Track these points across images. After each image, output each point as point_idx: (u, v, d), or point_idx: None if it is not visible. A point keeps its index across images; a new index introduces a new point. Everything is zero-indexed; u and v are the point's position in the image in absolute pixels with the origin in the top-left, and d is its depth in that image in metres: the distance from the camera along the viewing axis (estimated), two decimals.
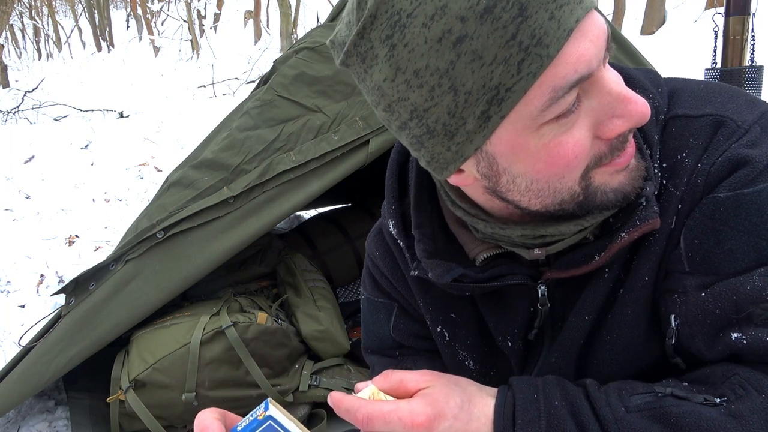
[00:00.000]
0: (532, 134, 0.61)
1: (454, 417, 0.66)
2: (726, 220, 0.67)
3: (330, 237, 3.02)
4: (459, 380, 0.72)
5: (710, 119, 0.71)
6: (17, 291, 3.35)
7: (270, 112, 1.92)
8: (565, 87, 0.58)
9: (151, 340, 1.96)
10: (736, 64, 2.15)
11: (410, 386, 0.69)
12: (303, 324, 2.19)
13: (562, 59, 0.57)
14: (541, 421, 0.66)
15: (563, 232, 0.71)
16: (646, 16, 8.80)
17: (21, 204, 4.63)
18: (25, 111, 8.60)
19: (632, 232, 0.69)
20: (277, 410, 0.66)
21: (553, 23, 0.56)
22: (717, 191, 0.68)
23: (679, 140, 0.72)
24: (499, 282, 0.76)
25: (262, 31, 14.85)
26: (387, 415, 0.65)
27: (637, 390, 0.67)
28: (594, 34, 0.59)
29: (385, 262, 0.92)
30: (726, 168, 0.68)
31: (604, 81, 0.61)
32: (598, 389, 0.69)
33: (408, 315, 0.94)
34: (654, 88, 0.76)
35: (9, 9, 14.58)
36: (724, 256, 0.67)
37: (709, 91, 0.75)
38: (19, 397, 1.85)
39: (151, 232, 1.85)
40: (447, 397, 0.67)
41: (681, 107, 0.74)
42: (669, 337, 0.72)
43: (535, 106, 0.59)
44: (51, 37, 25.18)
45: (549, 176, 0.65)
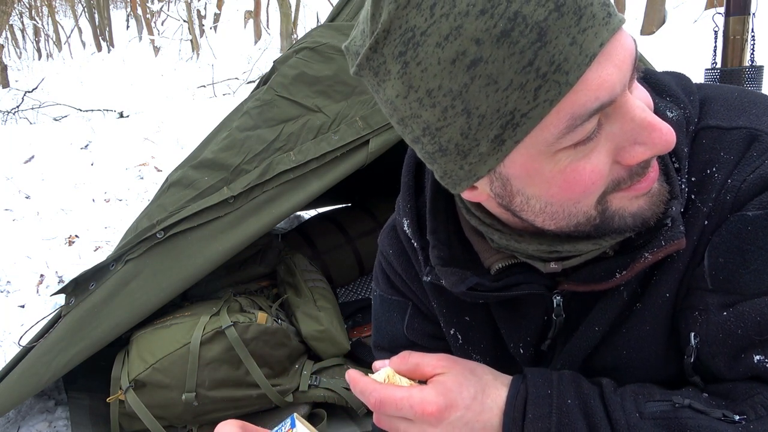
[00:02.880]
0: (548, 159, 0.59)
1: (466, 407, 0.66)
2: (754, 240, 0.65)
3: (330, 237, 3.02)
4: (475, 368, 0.71)
5: (744, 132, 0.68)
6: (17, 291, 3.35)
7: (270, 112, 1.92)
8: (585, 115, 0.56)
9: (151, 340, 1.96)
10: (736, 64, 2.15)
11: (426, 370, 0.69)
12: (303, 324, 2.19)
13: (583, 86, 0.55)
14: (552, 417, 0.65)
15: (580, 249, 0.69)
16: (646, 16, 8.80)
17: (21, 204, 4.63)
18: (25, 111, 8.60)
19: (656, 253, 0.66)
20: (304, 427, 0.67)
21: (575, 48, 0.53)
22: (746, 209, 0.66)
23: (710, 153, 0.69)
24: (514, 291, 0.74)
25: (262, 31, 14.85)
26: (399, 402, 0.65)
27: (654, 396, 0.66)
28: (620, 58, 0.56)
29: (399, 260, 0.90)
30: (757, 185, 0.65)
31: (627, 106, 0.58)
32: (614, 391, 0.67)
33: (422, 314, 0.92)
34: (686, 96, 0.72)
35: (9, 9, 14.58)
36: (750, 276, 0.65)
37: (743, 101, 0.72)
38: (19, 397, 1.85)
39: (151, 232, 1.85)
40: (460, 387, 0.67)
41: (713, 117, 0.71)
42: (688, 356, 0.70)
43: (552, 133, 0.57)
44: (51, 37, 25.18)
45: (564, 201, 0.62)
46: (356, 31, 0.63)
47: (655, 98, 0.69)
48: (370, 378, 0.70)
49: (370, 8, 0.59)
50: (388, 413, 0.67)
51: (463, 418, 0.66)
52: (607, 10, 0.55)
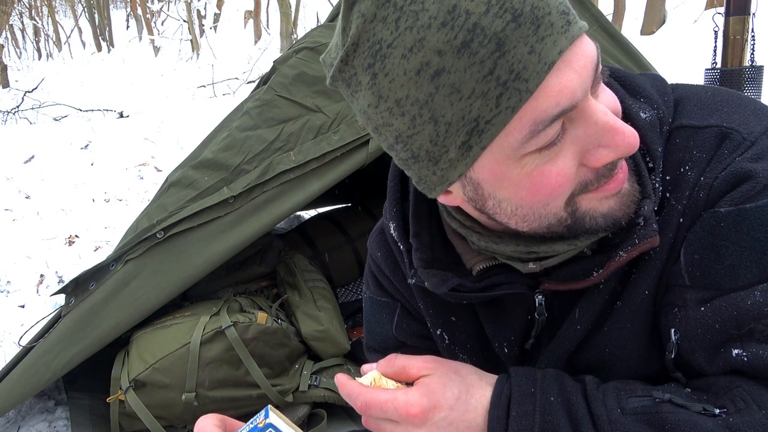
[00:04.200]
0: (515, 164, 0.61)
1: (450, 408, 0.67)
2: (727, 236, 0.66)
3: (330, 237, 3.02)
4: (460, 368, 0.72)
5: (715, 131, 0.70)
6: (17, 291, 3.35)
7: (270, 112, 1.92)
8: (546, 120, 0.58)
9: (151, 340, 1.96)
10: (736, 64, 2.14)
11: (412, 372, 0.71)
12: (303, 324, 2.19)
13: (543, 93, 0.57)
14: (535, 416, 0.66)
15: (556, 250, 0.71)
16: (646, 16, 8.80)
17: (21, 204, 4.63)
18: (25, 111, 8.59)
19: (631, 251, 0.68)
20: (277, 417, 0.67)
21: (533, 57, 0.55)
22: (718, 206, 0.67)
23: (684, 152, 0.71)
24: (496, 291, 0.76)
25: (262, 31, 14.85)
26: (384, 404, 0.67)
27: (636, 392, 0.67)
28: (580, 64, 0.58)
29: (387, 263, 0.92)
30: (728, 182, 0.67)
31: (590, 111, 0.60)
32: (597, 388, 0.69)
33: (411, 315, 0.94)
34: (660, 96, 0.74)
35: (9, 9, 14.58)
36: (725, 271, 0.66)
37: (716, 100, 0.73)
38: (19, 397, 1.85)
39: (151, 232, 1.85)
40: (444, 388, 0.68)
41: (686, 117, 0.73)
42: (669, 351, 0.72)
43: (516, 139, 0.59)
44: (51, 37, 25.18)
45: (533, 203, 0.64)
46: (331, 43, 0.65)
47: (629, 100, 0.72)
48: (356, 381, 0.71)
49: (341, 22, 0.61)
50: (374, 416, 0.69)
51: (447, 419, 0.67)
52: (567, 18, 0.57)
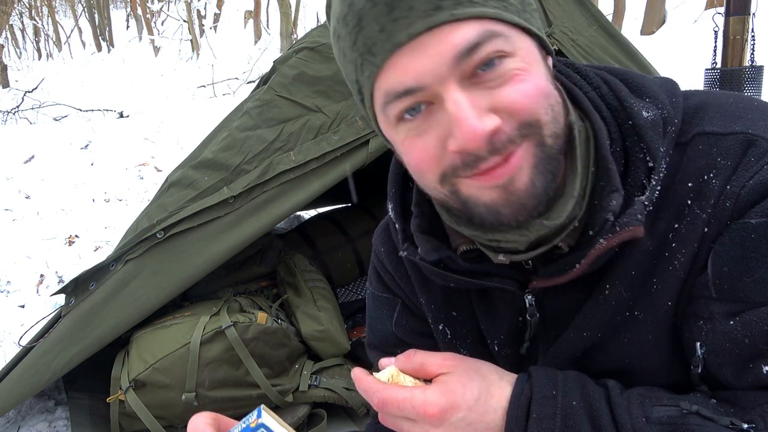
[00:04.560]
0: (393, 129, 0.68)
1: (468, 408, 0.66)
2: (757, 248, 0.64)
3: (330, 237, 3.02)
4: (480, 367, 0.71)
5: (740, 137, 0.68)
6: (17, 291, 3.35)
7: (270, 112, 1.92)
8: (394, 95, 0.63)
9: (151, 340, 1.96)
10: (736, 64, 2.15)
11: (431, 369, 0.70)
12: (303, 324, 2.18)
13: (390, 69, 0.62)
14: (556, 419, 0.65)
15: (509, 239, 0.70)
16: (646, 16, 8.80)
17: (21, 204, 4.63)
18: (25, 111, 8.59)
19: (611, 239, 0.67)
20: (270, 417, 0.67)
21: (382, 35, 0.61)
22: (748, 216, 0.65)
23: (707, 159, 0.69)
24: (485, 281, 0.76)
25: (262, 31, 14.85)
26: (401, 403, 0.66)
27: (662, 401, 0.65)
28: (435, 51, 0.60)
29: (390, 258, 0.92)
30: (757, 192, 0.65)
31: (445, 99, 0.62)
32: (621, 394, 0.67)
33: (411, 312, 0.94)
34: (668, 98, 0.73)
35: (9, 9, 14.57)
36: (755, 285, 0.64)
37: (739, 107, 0.72)
38: (19, 397, 1.85)
39: (151, 232, 1.85)
40: (464, 388, 0.67)
41: (709, 123, 0.71)
42: (694, 366, 0.70)
43: (379, 104, 0.66)
44: (51, 37, 25.18)
45: (414, 171, 0.70)
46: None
47: (631, 99, 0.72)
48: (373, 377, 0.70)
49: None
50: (391, 413, 0.68)
51: (465, 419, 0.66)
52: (436, 4, 0.59)
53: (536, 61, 0.66)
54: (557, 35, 1.89)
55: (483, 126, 0.60)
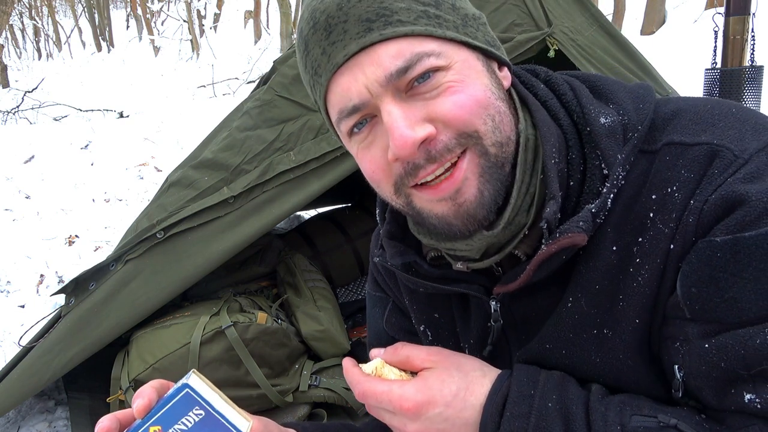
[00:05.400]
0: (348, 142, 0.72)
1: (446, 404, 0.67)
2: (725, 267, 0.61)
3: (330, 237, 3.02)
4: (463, 363, 0.71)
5: (705, 149, 0.66)
6: (17, 291, 3.35)
7: (270, 112, 1.92)
8: (341, 112, 0.68)
9: (151, 340, 1.96)
10: (736, 64, 2.14)
11: (416, 363, 0.71)
12: (303, 324, 2.18)
13: (336, 88, 0.68)
14: (530, 418, 0.65)
15: (458, 248, 0.73)
16: (646, 16, 8.80)
17: (21, 204, 4.63)
18: (25, 111, 8.59)
19: (551, 245, 0.67)
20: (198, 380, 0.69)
21: (324, 58, 0.67)
22: (713, 234, 0.63)
23: (672, 170, 0.67)
24: (452, 286, 0.77)
25: (262, 31, 14.85)
26: (379, 396, 0.69)
27: (642, 410, 0.64)
28: (369, 69, 0.65)
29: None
30: (720, 207, 0.62)
31: (382, 112, 0.66)
32: (601, 399, 0.66)
33: (400, 311, 0.97)
34: (633, 104, 0.72)
35: (9, 9, 14.57)
36: (727, 305, 0.61)
37: (714, 114, 0.69)
38: (19, 397, 1.85)
39: (151, 232, 1.85)
40: (442, 384, 0.68)
41: (678, 132, 0.69)
42: (675, 390, 0.68)
43: (334, 120, 0.71)
44: (51, 37, 25.17)
45: (370, 182, 0.73)
46: None
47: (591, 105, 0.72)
48: (358, 369, 0.73)
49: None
50: (371, 404, 0.70)
51: (442, 415, 0.67)
52: (368, 26, 0.65)
53: (476, 73, 0.69)
54: (557, 35, 1.89)
55: (414, 134, 0.64)
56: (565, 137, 0.72)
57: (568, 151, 0.71)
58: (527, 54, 1.87)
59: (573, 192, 0.71)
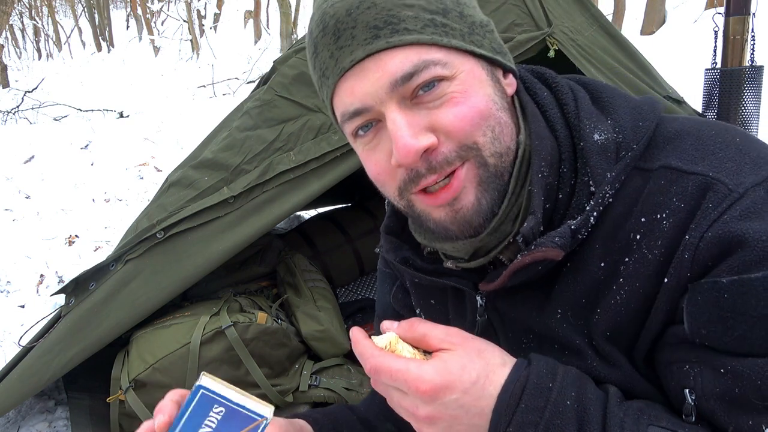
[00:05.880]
0: (354, 143, 0.75)
1: (464, 391, 0.63)
2: (733, 307, 0.61)
3: (330, 237, 3.02)
4: (484, 350, 0.67)
5: (699, 180, 0.65)
6: (17, 291, 3.35)
7: (270, 112, 1.92)
8: (346, 114, 0.71)
9: (151, 340, 1.96)
10: (736, 64, 2.14)
11: (433, 343, 0.67)
12: (303, 324, 2.18)
13: (341, 91, 0.70)
14: (545, 413, 0.63)
15: (446, 248, 0.76)
16: (646, 16, 8.80)
17: (21, 204, 4.63)
18: (25, 111, 8.59)
19: (525, 257, 0.69)
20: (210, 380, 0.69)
21: (332, 61, 0.69)
22: (717, 275, 0.62)
23: (664, 196, 0.67)
24: (443, 279, 0.81)
25: (262, 31, 14.85)
26: (395, 373, 0.64)
27: (660, 422, 0.63)
28: (375, 75, 0.67)
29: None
30: (716, 245, 0.62)
31: (387, 118, 0.68)
32: (619, 404, 0.65)
33: (405, 290, 0.99)
34: (632, 123, 0.72)
35: (9, 9, 14.57)
36: (736, 342, 0.62)
37: (716, 141, 0.68)
38: (19, 397, 1.85)
39: (151, 232, 1.85)
40: (462, 370, 0.64)
41: (677, 156, 0.68)
42: (687, 415, 0.66)
43: (340, 121, 0.74)
44: (51, 37, 25.17)
45: (375, 182, 0.76)
46: None
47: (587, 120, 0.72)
48: (371, 341, 0.68)
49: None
50: (383, 381, 0.66)
51: (458, 401, 0.63)
52: (375, 33, 0.66)
53: (479, 83, 0.70)
54: (557, 35, 1.89)
55: (417, 143, 0.66)
56: (559, 150, 0.72)
57: (560, 164, 0.72)
58: (527, 54, 1.87)
59: (561, 205, 0.72)
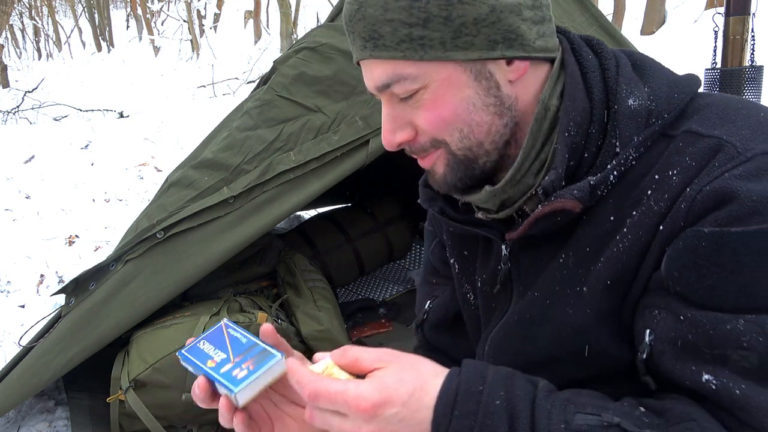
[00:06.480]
0: None
1: (402, 404, 0.65)
2: (708, 256, 0.64)
3: (330, 237, 3.02)
4: (416, 363, 0.69)
5: (713, 141, 0.68)
6: (17, 291, 3.35)
7: (270, 112, 1.92)
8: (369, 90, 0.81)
9: (151, 340, 1.96)
10: (736, 64, 2.15)
11: (365, 365, 0.68)
12: (303, 324, 2.18)
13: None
14: (477, 416, 0.64)
15: (474, 200, 0.84)
16: (646, 16, 8.80)
17: (21, 204, 4.63)
18: (25, 111, 8.59)
19: (545, 206, 0.74)
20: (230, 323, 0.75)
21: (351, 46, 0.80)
22: (701, 224, 0.65)
23: (679, 156, 0.70)
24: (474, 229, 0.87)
25: (262, 31, 14.85)
26: (334, 396, 0.64)
27: (586, 408, 0.65)
28: (369, 76, 0.78)
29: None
30: (711, 198, 0.65)
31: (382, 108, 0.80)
32: (547, 396, 0.67)
33: (442, 245, 1.05)
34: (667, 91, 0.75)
35: (9, 9, 14.57)
36: (705, 292, 0.65)
37: (739, 112, 0.71)
38: (19, 397, 1.85)
39: (151, 232, 1.85)
40: (399, 383, 0.65)
41: (699, 123, 0.72)
42: (641, 352, 0.71)
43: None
44: (51, 37, 25.18)
45: None
46: None
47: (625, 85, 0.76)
48: (308, 369, 0.68)
49: None
50: (322, 406, 0.66)
51: (398, 415, 0.64)
52: (363, 44, 0.75)
53: (455, 89, 0.74)
54: None
55: (394, 138, 0.79)
56: (591, 111, 0.76)
57: (590, 125, 0.75)
58: None
59: (585, 163, 0.76)
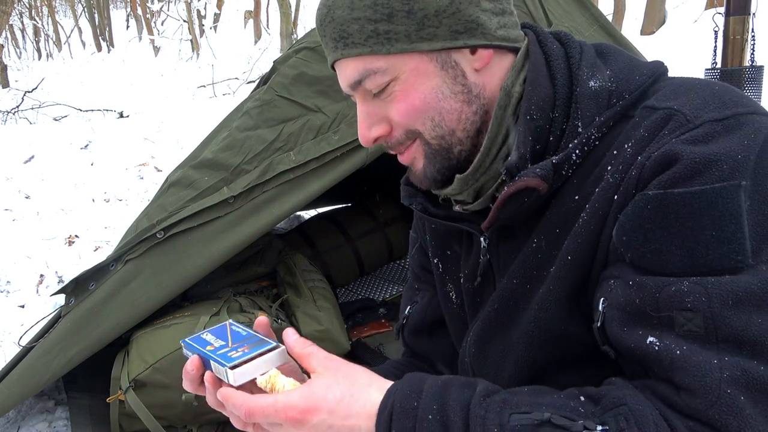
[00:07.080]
0: None
1: (329, 411, 0.67)
2: (653, 219, 0.65)
3: (330, 237, 3.02)
4: (352, 371, 0.72)
5: (665, 112, 0.70)
6: (17, 291, 3.35)
7: (270, 112, 1.92)
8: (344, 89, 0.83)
9: (151, 340, 1.96)
10: (736, 64, 2.15)
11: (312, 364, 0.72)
12: (303, 324, 2.18)
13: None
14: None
15: (446, 192, 0.85)
16: (646, 16, 8.80)
17: (21, 204, 4.63)
18: (25, 111, 8.59)
19: (510, 186, 0.76)
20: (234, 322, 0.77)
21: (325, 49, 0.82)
22: (648, 188, 0.67)
23: (634, 130, 0.72)
24: (453, 224, 0.88)
25: (262, 31, 14.85)
26: (266, 409, 0.68)
27: (520, 408, 0.65)
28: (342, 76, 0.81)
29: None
30: (659, 163, 0.66)
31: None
32: (482, 402, 0.67)
33: (422, 250, 1.08)
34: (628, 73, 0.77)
35: (9, 9, 14.57)
36: (652, 255, 0.66)
37: (694, 86, 0.73)
38: (19, 397, 1.85)
39: (151, 232, 1.85)
40: (327, 390, 0.68)
41: (655, 98, 0.73)
42: (596, 321, 0.72)
43: None
44: (51, 37, 25.18)
45: None
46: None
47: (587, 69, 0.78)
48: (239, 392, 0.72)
49: None
50: (260, 421, 0.70)
51: (326, 422, 0.67)
52: (335, 45, 0.78)
53: (424, 78, 0.77)
54: None
55: (369, 134, 0.81)
56: (555, 96, 0.77)
57: (554, 109, 0.77)
58: None
59: (551, 146, 0.78)
